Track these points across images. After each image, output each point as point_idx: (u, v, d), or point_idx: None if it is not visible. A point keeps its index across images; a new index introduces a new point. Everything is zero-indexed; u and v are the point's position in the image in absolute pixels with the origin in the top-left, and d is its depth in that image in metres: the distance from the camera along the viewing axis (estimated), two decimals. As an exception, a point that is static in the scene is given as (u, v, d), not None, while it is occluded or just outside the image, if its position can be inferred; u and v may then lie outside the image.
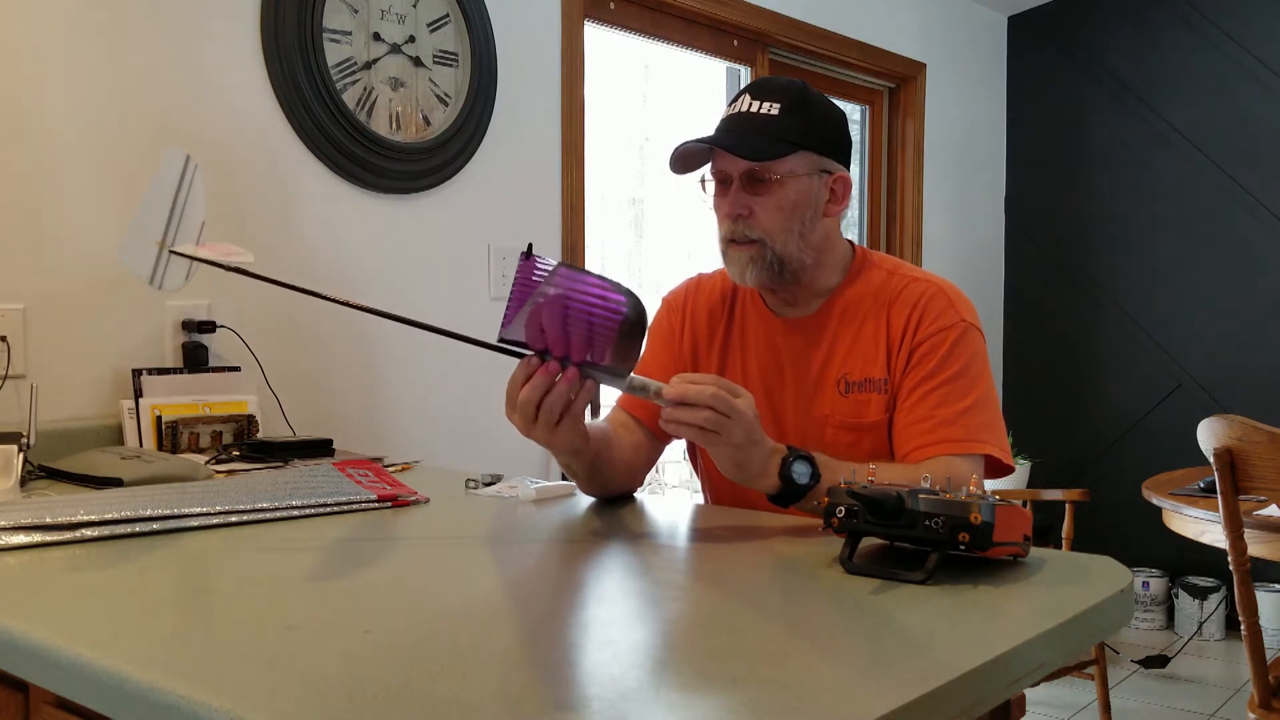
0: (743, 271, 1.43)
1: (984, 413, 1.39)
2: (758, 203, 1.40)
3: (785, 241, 1.41)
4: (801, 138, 1.40)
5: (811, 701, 0.67)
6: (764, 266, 1.41)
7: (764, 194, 1.40)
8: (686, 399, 1.12)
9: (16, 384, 1.75)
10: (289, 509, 1.27)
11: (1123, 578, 0.98)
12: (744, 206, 1.40)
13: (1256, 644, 2.06)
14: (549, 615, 0.88)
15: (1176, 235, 4.04)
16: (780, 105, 1.40)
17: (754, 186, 1.40)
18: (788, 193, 1.40)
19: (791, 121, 1.39)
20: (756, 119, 1.39)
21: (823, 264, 1.47)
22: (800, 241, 1.42)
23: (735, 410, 1.13)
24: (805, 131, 1.40)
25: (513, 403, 1.14)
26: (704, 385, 1.13)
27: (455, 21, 2.38)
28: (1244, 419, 2.01)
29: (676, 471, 3.65)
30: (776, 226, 1.40)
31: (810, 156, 1.42)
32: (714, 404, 1.12)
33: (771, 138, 1.38)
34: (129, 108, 1.90)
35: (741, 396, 1.15)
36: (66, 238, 1.82)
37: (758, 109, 1.40)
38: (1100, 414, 4.24)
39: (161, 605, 0.91)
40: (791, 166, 1.40)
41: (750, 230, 1.40)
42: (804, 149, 1.40)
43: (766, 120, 1.39)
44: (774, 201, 1.40)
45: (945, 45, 4.03)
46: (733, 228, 1.41)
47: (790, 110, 1.40)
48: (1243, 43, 3.84)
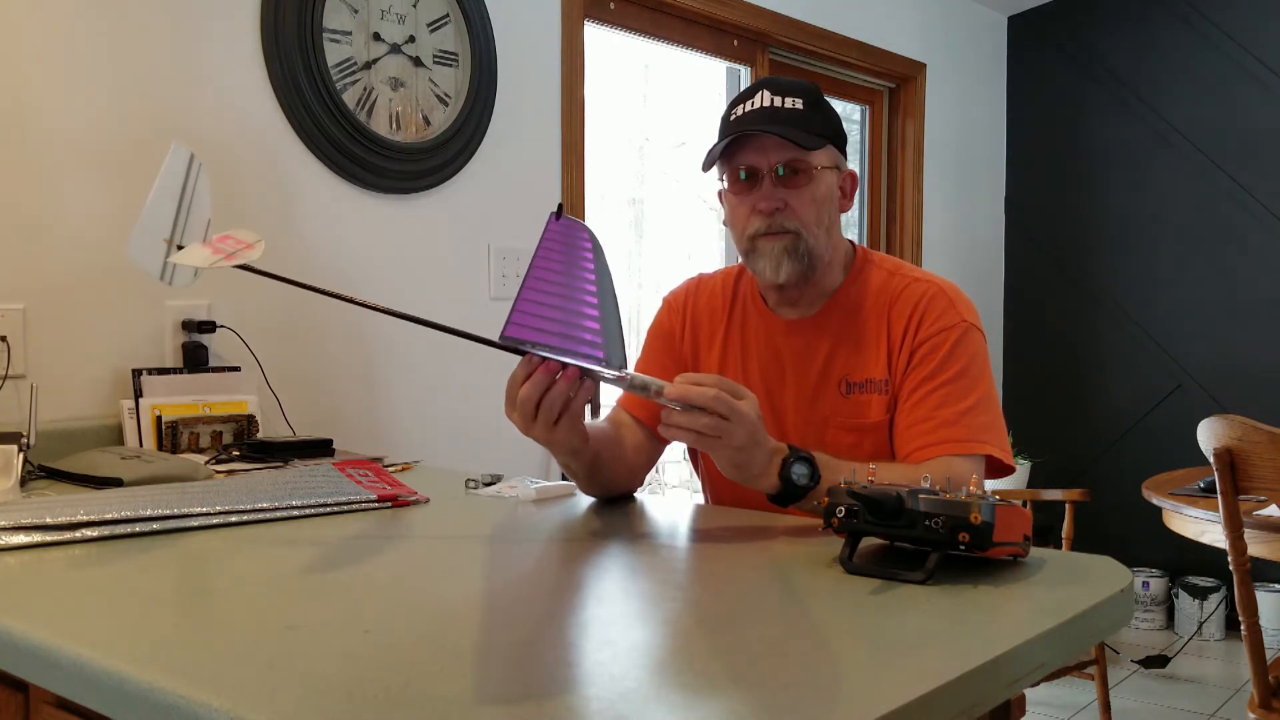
0: (778, 264, 1.41)
1: (985, 413, 1.39)
2: (793, 195, 1.41)
3: (816, 235, 1.42)
4: (825, 131, 1.42)
5: (811, 701, 0.67)
6: (797, 258, 1.41)
7: (800, 186, 1.41)
8: (688, 400, 1.11)
9: (16, 384, 1.75)
10: (289, 509, 1.27)
11: (1123, 578, 0.98)
12: (779, 199, 1.41)
13: (1256, 644, 2.06)
14: (549, 615, 0.88)
15: (1176, 235, 4.04)
16: (803, 101, 1.42)
17: (790, 179, 1.41)
18: (819, 186, 1.42)
19: (816, 116, 1.42)
20: (784, 112, 1.40)
21: (832, 261, 1.48)
22: (826, 236, 1.44)
23: (737, 412, 1.12)
24: (826, 126, 1.43)
25: (512, 401, 1.14)
26: (706, 387, 1.11)
27: (455, 21, 2.39)
28: (1244, 419, 2.01)
29: (676, 471, 3.65)
30: (811, 219, 1.41)
31: (833, 151, 1.45)
32: (715, 406, 1.10)
33: (808, 130, 1.40)
34: (129, 107, 1.90)
35: (745, 398, 1.14)
36: (66, 237, 1.82)
37: (783, 104, 1.41)
38: (1100, 414, 4.24)
39: (161, 605, 0.91)
40: (822, 160, 1.42)
41: (787, 222, 1.41)
42: (829, 143, 1.43)
43: (795, 114, 1.40)
44: (809, 194, 1.41)
45: (945, 45, 4.03)
46: (768, 221, 1.41)
47: (812, 106, 1.42)
48: (1243, 43, 3.84)
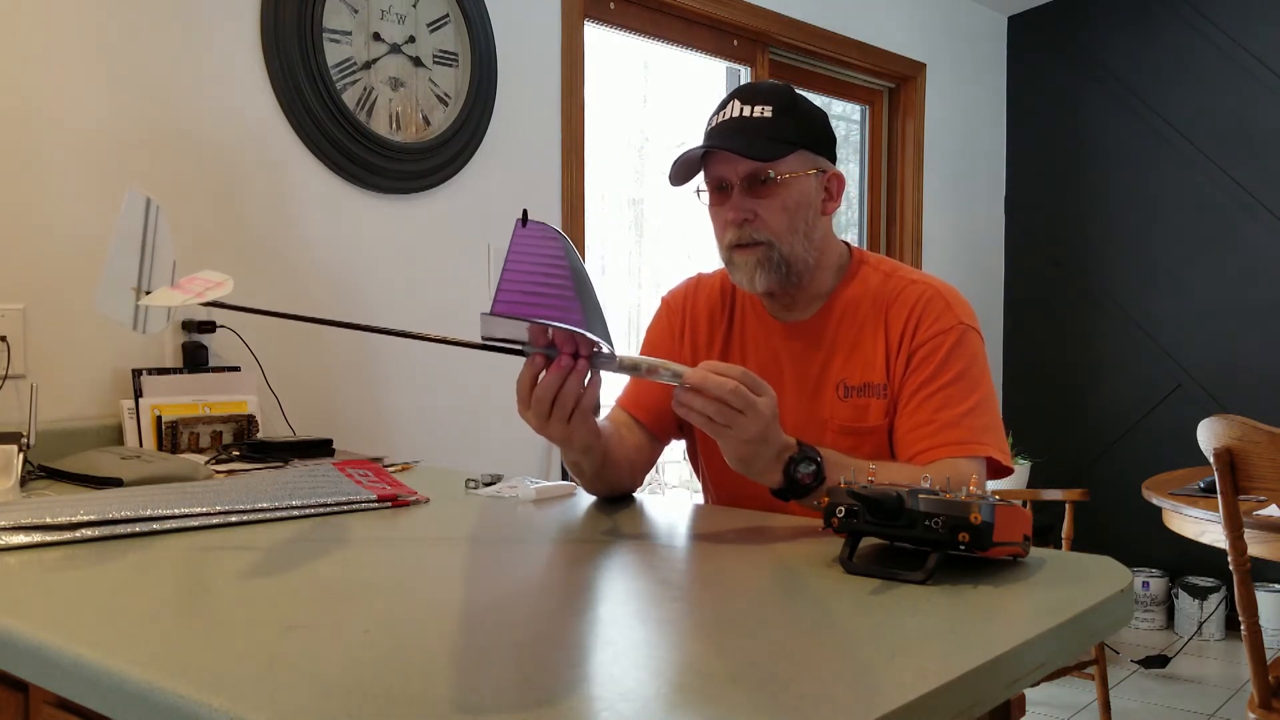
0: (751, 276, 1.42)
1: (985, 415, 1.39)
2: (761, 205, 1.40)
3: (792, 242, 1.41)
4: (797, 137, 1.40)
5: (811, 701, 0.67)
6: (772, 269, 1.41)
7: (767, 196, 1.40)
8: (705, 389, 1.10)
9: (16, 384, 1.75)
10: (289, 509, 1.26)
11: (1123, 578, 0.98)
12: (748, 210, 1.40)
13: (1256, 644, 2.06)
14: (549, 615, 0.88)
15: (1176, 235, 4.04)
16: (772, 108, 1.40)
17: (756, 189, 1.40)
18: (790, 193, 1.41)
19: (785, 122, 1.40)
20: (750, 122, 1.40)
21: (821, 265, 1.47)
22: (805, 242, 1.43)
23: (752, 406, 1.11)
24: (799, 131, 1.41)
25: (525, 400, 1.13)
26: (727, 378, 1.11)
27: (455, 21, 2.39)
28: (1244, 419, 2.01)
29: (676, 471, 3.65)
30: (782, 227, 1.40)
31: (806, 155, 1.42)
32: (731, 400, 1.10)
33: (770, 139, 1.39)
34: (129, 107, 1.90)
35: (764, 395, 1.13)
36: (66, 238, 1.82)
37: (749, 113, 1.40)
38: (1100, 414, 4.24)
39: (161, 605, 0.91)
40: (791, 166, 1.41)
41: (757, 233, 1.40)
42: (800, 148, 1.41)
43: (761, 123, 1.39)
44: (778, 202, 1.40)
45: (945, 45, 4.03)
46: (739, 232, 1.41)
47: (782, 112, 1.40)
48: (1243, 42, 3.84)
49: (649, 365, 1.12)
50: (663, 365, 1.12)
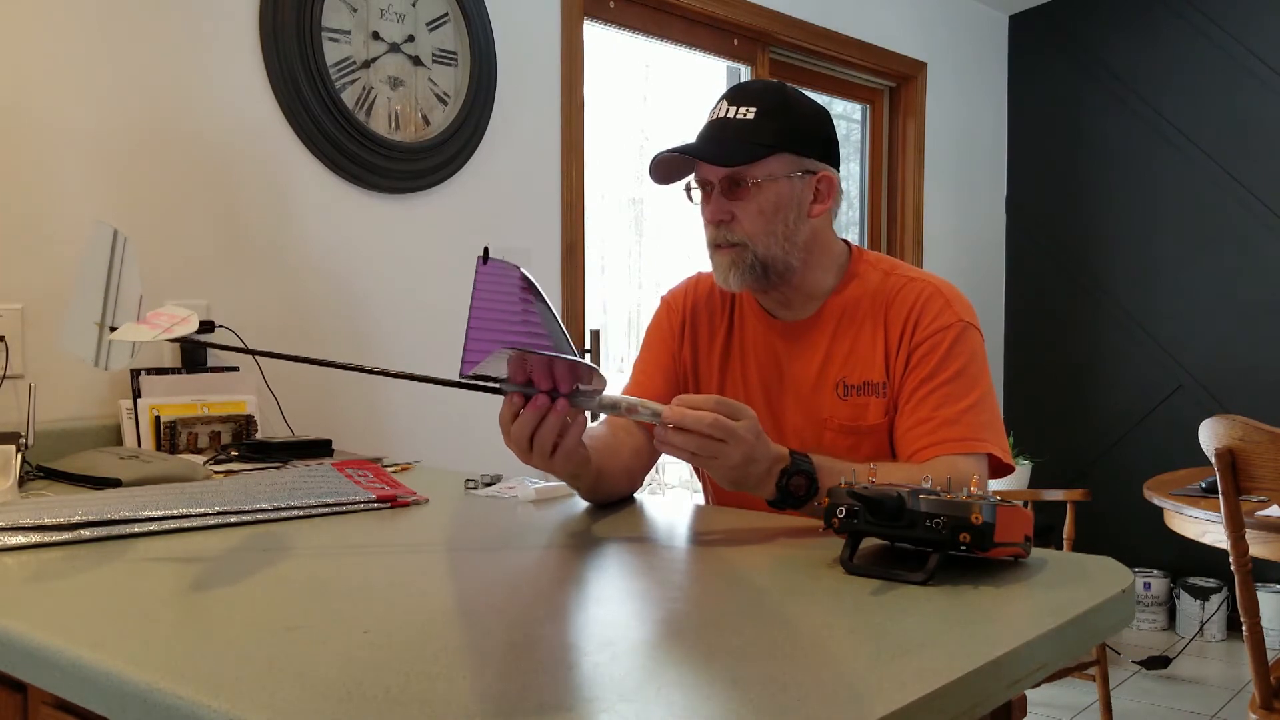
0: (726, 275, 1.43)
1: (985, 412, 1.39)
2: (738, 207, 1.40)
3: (768, 244, 1.41)
4: (778, 139, 1.39)
5: (811, 701, 0.67)
6: (746, 269, 1.41)
7: (743, 198, 1.40)
8: (684, 425, 1.10)
9: (15, 384, 1.75)
10: (288, 509, 1.26)
11: (1124, 578, 0.98)
12: (725, 212, 1.41)
13: (1258, 644, 2.06)
14: (549, 616, 0.88)
15: (1177, 235, 4.04)
16: (756, 109, 1.39)
17: (734, 191, 1.40)
18: (767, 196, 1.40)
19: (768, 124, 1.39)
20: (732, 124, 1.40)
21: (814, 265, 1.47)
22: (785, 244, 1.42)
23: (733, 435, 1.11)
24: (782, 133, 1.40)
25: (506, 435, 1.13)
26: (703, 411, 1.11)
27: (455, 20, 2.38)
28: (1245, 419, 2.01)
29: (676, 471, 3.65)
30: (758, 230, 1.40)
31: (788, 158, 1.41)
32: (710, 432, 1.11)
33: (747, 142, 1.38)
34: (129, 107, 1.89)
35: (742, 420, 1.13)
36: (66, 238, 1.81)
37: (734, 114, 1.40)
38: (1101, 414, 4.24)
39: (161, 605, 0.91)
40: (770, 169, 1.40)
41: (732, 235, 1.41)
42: (782, 151, 1.40)
43: (742, 125, 1.39)
44: (754, 205, 1.40)
45: (946, 44, 4.03)
46: (715, 233, 1.42)
47: (767, 113, 1.39)
48: (1243, 42, 3.84)
49: (628, 405, 1.12)
50: (641, 404, 1.12)
